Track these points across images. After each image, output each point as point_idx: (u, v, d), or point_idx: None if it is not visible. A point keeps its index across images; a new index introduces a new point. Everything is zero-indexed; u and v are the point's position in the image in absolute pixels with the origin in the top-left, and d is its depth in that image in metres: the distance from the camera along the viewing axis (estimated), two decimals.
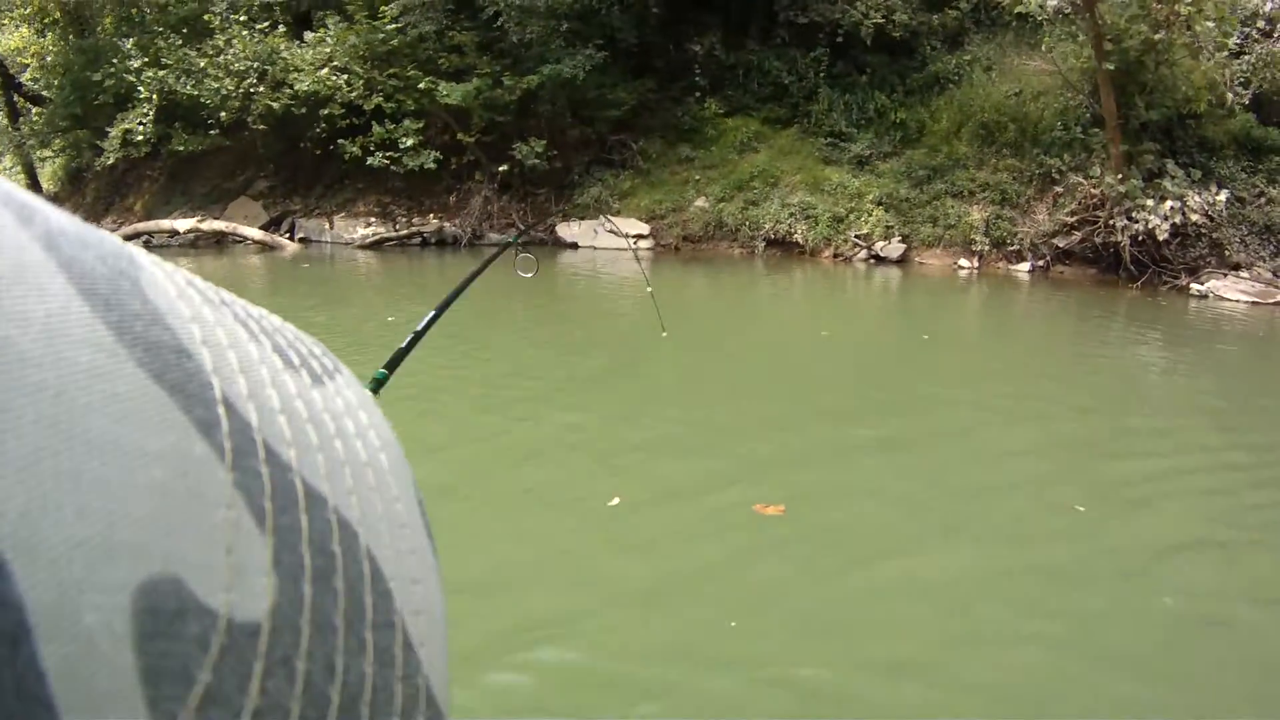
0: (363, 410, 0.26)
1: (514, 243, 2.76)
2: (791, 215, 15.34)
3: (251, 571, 0.19)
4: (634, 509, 4.89)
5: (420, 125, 16.14)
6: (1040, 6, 16.38)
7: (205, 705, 0.18)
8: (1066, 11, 16.50)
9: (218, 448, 0.20)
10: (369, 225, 17.52)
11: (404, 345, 1.47)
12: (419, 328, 1.54)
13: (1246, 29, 16.31)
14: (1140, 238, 14.67)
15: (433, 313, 1.60)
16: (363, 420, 0.26)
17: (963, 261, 15.29)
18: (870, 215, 15.45)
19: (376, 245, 17.05)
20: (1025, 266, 15.32)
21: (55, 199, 21.36)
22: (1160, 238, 14.62)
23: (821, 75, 17.08)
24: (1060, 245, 15.44)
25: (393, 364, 1.42)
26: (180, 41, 18.17)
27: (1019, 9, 15.96)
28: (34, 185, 23.81)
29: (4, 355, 0.17)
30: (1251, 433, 6.86)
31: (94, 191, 22.37)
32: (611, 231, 15.53)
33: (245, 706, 0.18)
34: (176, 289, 0.23)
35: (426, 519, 0.27)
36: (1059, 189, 15.77)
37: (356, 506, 0.23)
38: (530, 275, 2.85)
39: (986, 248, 15.35)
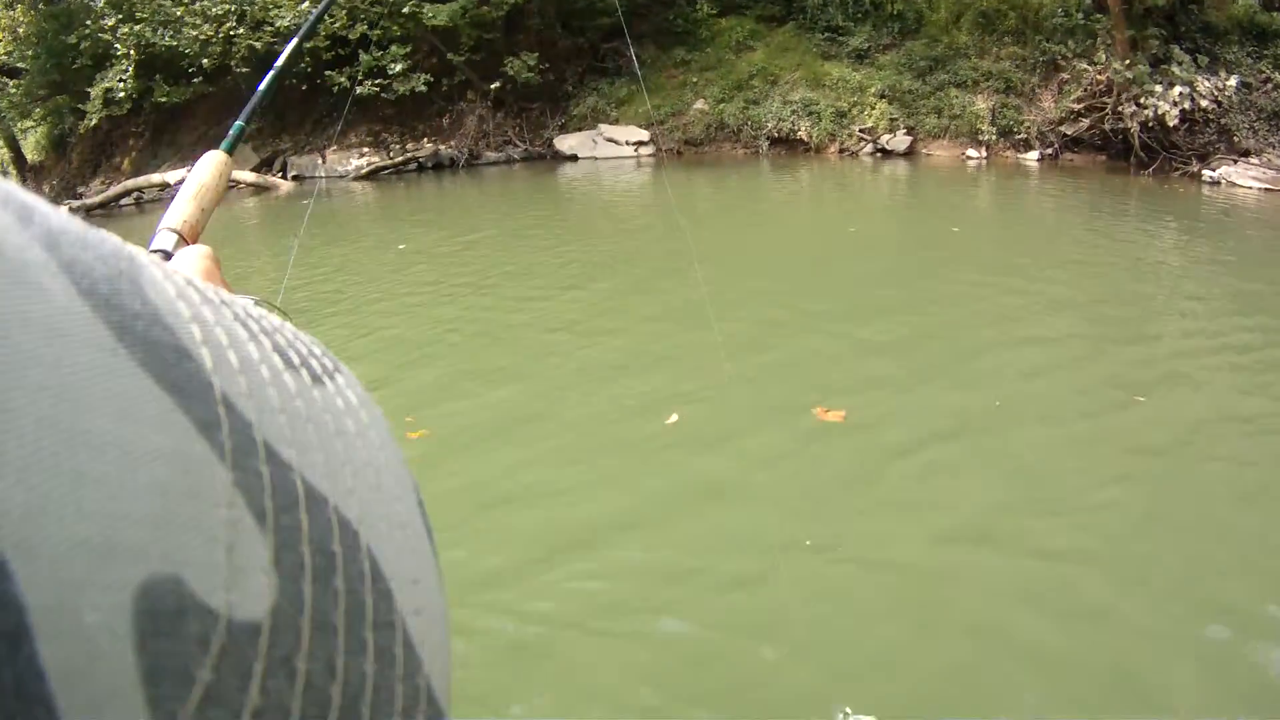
0: (363, 409, 0.26)
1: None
2: (794, 113, 15.01)
3: (252, 571, 0.19)
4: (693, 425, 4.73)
5: (407, 50, 15.73)
6: None
7: (205, 705, 0.18)
8: None
9: (218, 447, 0.20)
10: (362, 155, 17.15)
11: (260, 87, 1.26)
12: (277, 62, 1.32)
13: None
14: (1150, 124, 14.42)
15: (293, 41, 1.36)
16: (363, 419, 0.25)
17: (970, 152, 15.02)
18: (874, 108, 15.13)
19: (372, 175, 16.70)
20: (1034, 155, 15.06)
21: (40, 168, 21.16)
22: (1170, 124, 14.37)
23: None
24: (1068, 133, 15.19)
25: (249, 114, 1.24)
26: None
27: None
28: (18, 158, 23.34)
29: (5, 355, 0.17)
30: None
31: (80, 155, 21.94)
32: (610, 140, 15.20)
33: (246, 706, 0.18)
34: (176, 289, 0.22)
35: (427, 518, 0.27)
36: (1064, 76, 15.49)
37: (357, 506, 0.23)
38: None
39: (994, 137, 15.07)
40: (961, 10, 16.13)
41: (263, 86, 1.21)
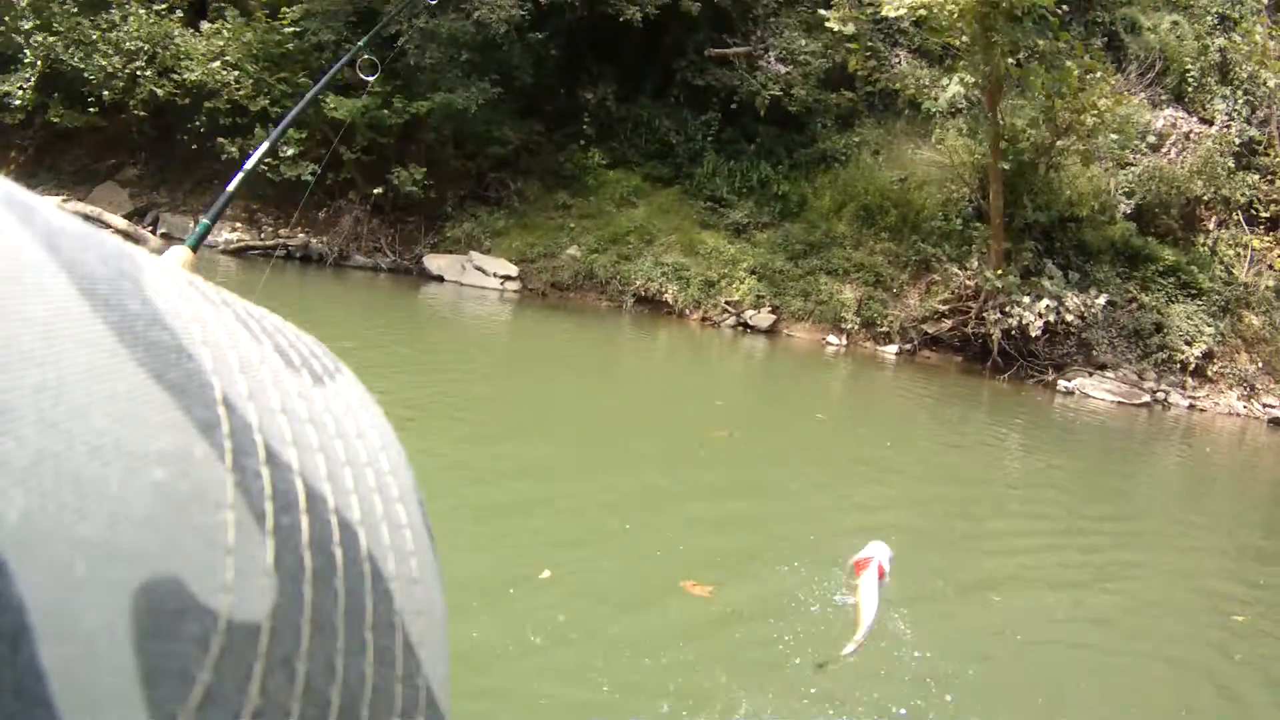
0: (364, 410, 0.26)
1: (360, 46, 2.53)
2: (664, 274, 15.22)
3: (252, 572, 0.19)
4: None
5: (303, 135, 15.67)
6: (932, 99, 16.82)
7: (205, 705, 0.18)
8: (962, 107, 16.96)
9: (218, 448, 0.20)
10: (234, 230, 16.89)
11: (229, 187, 1.35)
12: (245, 163, 1.44)
13: (1136, 142, 17.05)
14: (1013, 332, 15.01)
15: (264, 144, 1.48)
16: (363, 421, 0.25)
17: (831, 338, 15.36)
18: (743, 283, 15.42)
19: (240, 252, 16.46)
20: (893, 349, 15.44)
21: None
22: (1033, 334, 14.95)
23: (709, 139, 17.05)
24: (929, 331, 15.65)
25: (215, 214, 1.30)
26: (75, 9, 17.43)
27: (925, 104, 16.30)
28: None
29: (5, 355, 0.17)
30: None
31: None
32: (479, 269, 15.26)
33: (245, 707, 0.18)
34: (177, 289, 0.23)
35: (427, 520, 0.27)
36: (934, 276, 16.01)
37: (357, 507, 0.23)
38: (372, 78, 2.69)
39: (856, 326, 15.44)
40: (845, 201, 16.63)
41: (231, 187, 1.23)
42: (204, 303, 0.23)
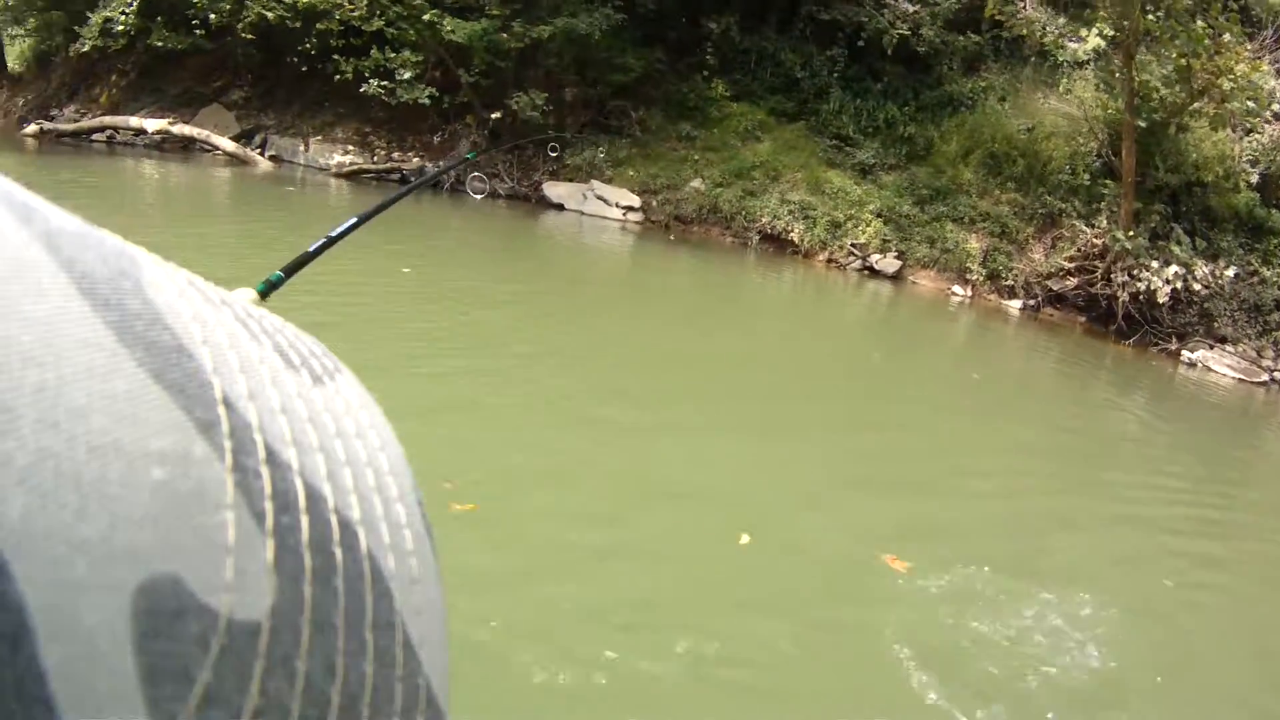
0: (363, 410, 0.26)
1: (470, 158, 2.22)
2: (790, 213, 14.72)
3: (252, 572, 0.19)
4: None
5: (420, 59, 15.24)
6: (1060, 47, 16.10)
7: (205, 705, 0.18)
8: (1090, 59, 16.23)
9: (218, 448, 0.20)
10: (346, 153, 16.54)
11: (312, 249, 1.32)
12: (333, 233, 1.38)
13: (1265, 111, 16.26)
14: (1140, 296, 14.42)
15: (354, 219, 1.47)
16: (363, 420, 0.25)
17: (956, 288, 14.87)
18: (869, 225, 14.92)
19: (353, 175, 16.11)
20: (1016, 304, 14.99)
21: (18, 79, 20.24)
22: (1160, 300, 14.39)
23: (835, 75, 16.50)
24: (1054, 288, 15.15)
25: (292, 268, 1.24)
26: None
27: (1056, 54, 15.62)
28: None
29: (5, 355, 0.17)
30: None
31: (59, 78, 21.04)
32: (600, 198, 14.79)
33: (245, 706, 0.18)
34: (177, 289, 0.22)
35: (427, 519, 0.27)
36: (1061, 232, 15.50)
37: (357, 507, 0.23)
38: (480, 197, 2.37)
39: (981, 278, 14.96)
40: (972, 147, 16.08)
41: (315, 248, 1.21)
42: (204, 303, 0.23)
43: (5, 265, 0.18)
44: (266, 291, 1.11)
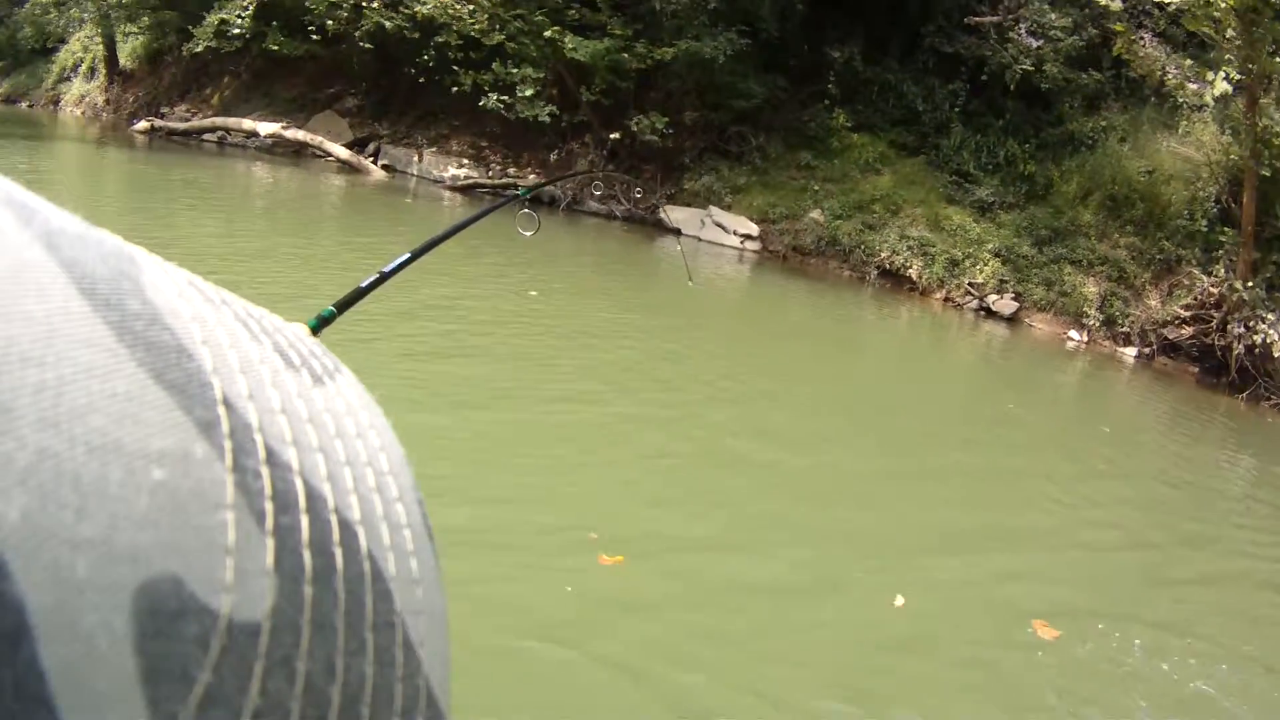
0: (363, 410, 0.26)
1: (521, 196, 2.53)
2: (909, 249, 14.57)
3: (252, 572, 0.19)
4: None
5: (541, 75, 15.23)
6: (1181, 89, 15.75)
7: (205, 705, 0.18)
8: (1213, 104, 15.87)
9: (218, 448, 0.20)
10: (461, 166, 16.62)
11: (364, 284, 1.23)
12: (386, 269, 1.28)
13: None
14: (1256, 349, 14.03)
15: (407, 255, 1.37)
16: (363, 420, 0.26)
17: (1072, 333, 14.60)
18: (987, 265, 14.72)
19: (468, 189, 16.16)
20: (1132, 351, 14.76)
21: (129, 75, 20.63)
22: (1276, 354, 13.97)
23: (956, 110, 16.32)
24: (1169, 337, 14.80)
25: (345, 304, 1.16)
26: None
27: (1178, 96, 15.30)
28: (111, 59, 22.82)
29: (5, 355, 0.17)
30: None
31: (171, 76, 21.42)
32: (719, 225, 14.68)
33: (245, 707, 0.19)
34: (177, 289, 0.23)
35: (427, 520, 0.27)
36: (1178, 278, 15.16)
37: (357, 507, 0.23)
38: (530, 234, 2.60)
39: (1097, 323, 14.66)
40: (1091, 188, 15.87)
41: (368, 284, 1.16)
42: (204, 303, 0.23)
43: (5, 265, 0.18)
44: (318, 327, 1.06)
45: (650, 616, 4.03)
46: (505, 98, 15.52)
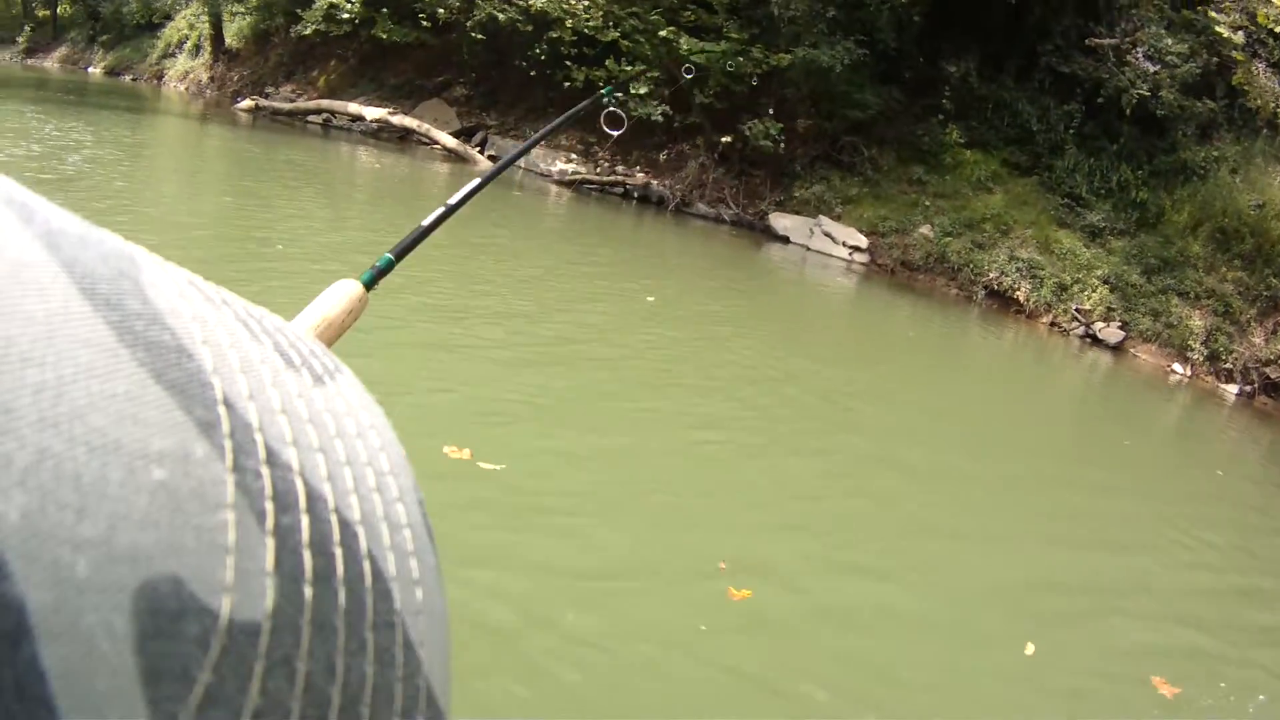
0: (364, 410, 0.26)
1: (606, 94, 2.41)
2: (1018, 270, 14.45)
3: (252, 572, 0.19)
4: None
5: (654, 74, 15.27)
6: None
7: (205, 705, 0.18)
8: None
9: (218, 448, 0.20)
10: (569, 161, 16.69)
11: (427, 223, 1.12)
12: (452, 201, 1.17)
13: None
14: None
15: (476, 181, 1.24)
16: (364, 420, 0.26)
17: (1176, 366, 14.40)
18: (1095, 291, 14.59)
19: (575, 185, 16.24)
20: (1234, 389, 14.56)
21: (235, 54, 20.95)
22: None
23: (1070, 131, 16.15)
24: (1271, 376, 14.58)
25: (404, 249, 1.06)
26: None
27: None
28: (217, 38, 23.19)
29: (5, 355, 0.17)
30: None
31: (277, 57, 21.71)
32: (827, 235, 14.66)
33: (245, 707, 0.19)
34: (177, 289, 0.23)
35: (428, 520, 0.27)
36: None
37: (357, 507, 0.23)
38: (617, 133, 2.50)
39: (1201, 358, 14.46)
40: (1202, 219, 15.69)
41: (428, 222, 1.11)
42: (204, 302, 0.23)
43: (5, 265, 0.18)
44: (372, 282, 0.98)
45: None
46: (619, 95, 15.53)
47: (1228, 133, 17.18)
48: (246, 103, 20.29)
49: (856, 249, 14.65)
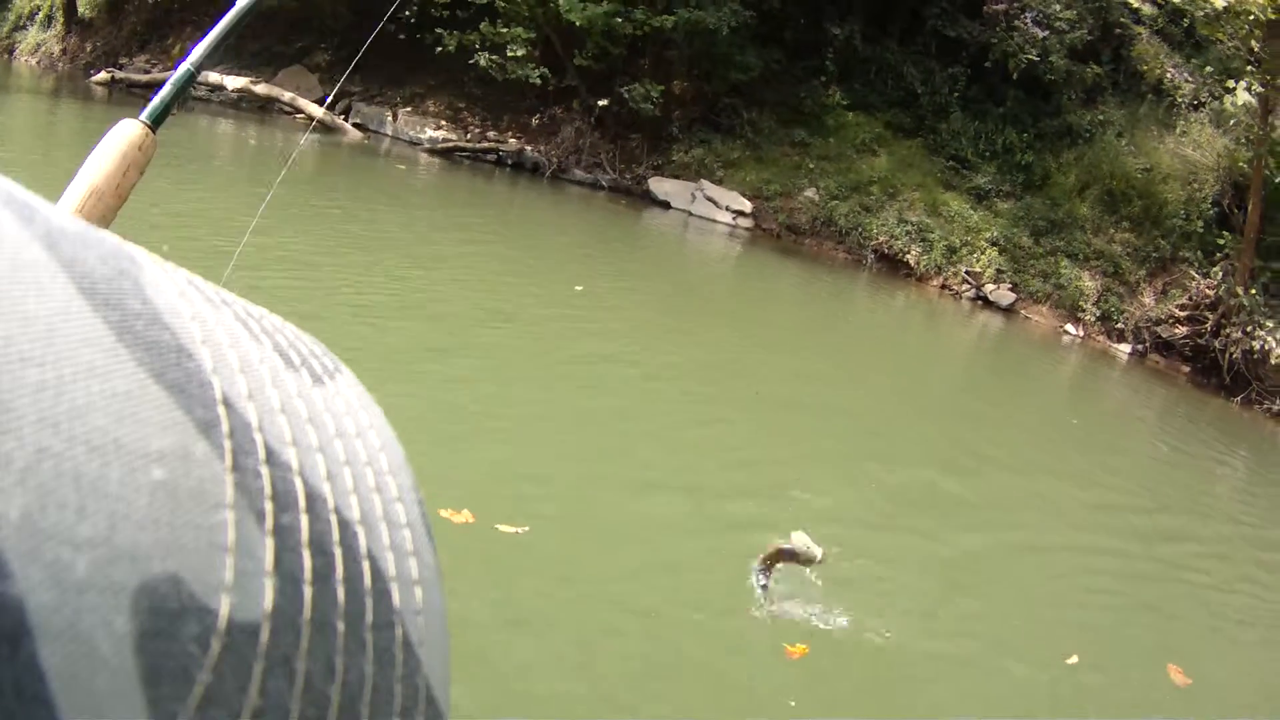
0: (363, 410, 0.26)
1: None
2: (907, 233, 14.01)
3: (252, 572, 0.19)
4: None
5: (532, 36, 14.45)
6: (1176, 88, 15.44)
7: (205, 705, 0.18)
8: (1205, 101, 15.61)
9: (218, 448, 0.20)
10: (439, 128, 15.77)
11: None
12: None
13: None
14: (1254, 355, 13.73)
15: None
16: (363, 420, 0.26)
17: (1069, 327, 14.18)
18: (984, 254, 14.24)
19: (447, 153, 15.33)
20: (1125, 348, 14.40)
21: (88, 24, 19.49)
22: (1274, 361, 13.68)
23: (955, 94, 15.81)
24: (1162, 335, 14.47)
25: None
26: None
27: (1175, 94, 15.00)
28: (69, 8, 21.62)
29: (5, 355, 0.17)
30: None
31: (131, 26, 20.32)
32: (710, 199, 14.02)
33: (245, 707, 0.18)
34: (177, 288, 0.23)
35: (427, 520, 0.26)
36: (1172, 277, 14.84)
37: (356, 507, 0.23)
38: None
39: (1093, 318, 14.27)
40: (1089, 182, 15.52)
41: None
42: (204, 302, 0.23)
43: (5, 265, 0.18)
44: (156, 120, 0.85)
45: None
46: (496, 58, 14.70)
47: (1113, 97, 17.06)
48: (101, 75, 18.92)
49: (740, 213, 14.04)
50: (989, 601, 4.50)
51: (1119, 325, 14.47)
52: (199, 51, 0.95)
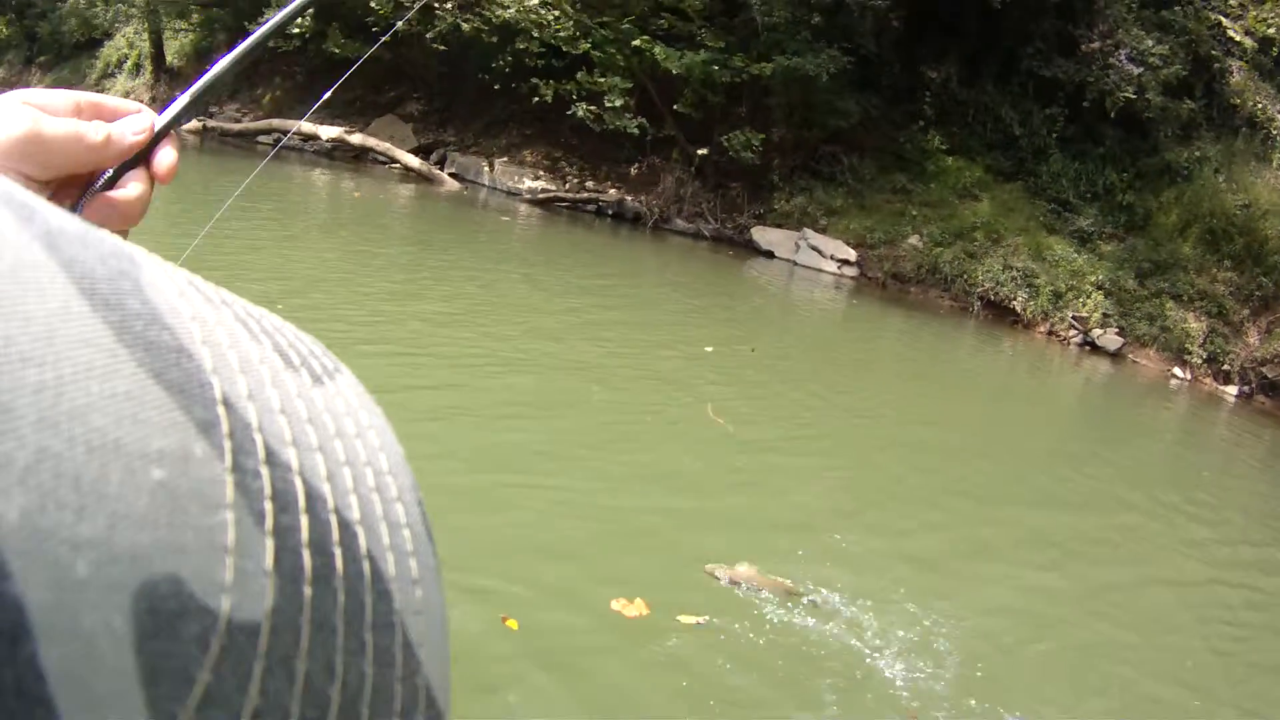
0: (363, 410, 0.26)
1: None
2: (1013, 279, 13.88)
3: (251, 572, 0.19)
4: None
5: (628, 85, 14.51)
6: (1270, 120, 15.21)
7: (205, 705, 0.18)
8: None
9: (217, 448, 0.20)
10: (537, 178, 15.88)
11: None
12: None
13: None
14: None
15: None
16: (363, 421, 0.26)
17: (1177, 370, 13.98)
18: (1090, 297, 14.07)
19: (546, 203, 15.41)
20: (1233, 390, 14.20)
21: (176, 72, 19.85)
22: None
23: (1054, 135, 15.66)
24: (1268, 375, 14.23)
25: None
26: None
27: (1271, 127, 14.81)
28: (158, 56, 22.08)
29: (5, 355, 0.17)
30: None
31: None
32: (814, 248, 14.00)
33: (245, 706, 0.19)
34: (177, 289, 0.23)
35: (427, 520, 0.27)
36: (1275, 316, 14.64)
37: (356, 507, 0.23)
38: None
39: (1200, 360, 14.06)
40: (1190, 221, 15.33)
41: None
42: (204, 303, 0.23)
43: (5, 265, 0.18)
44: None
45: None
46: (593, 108, 14.79)
47: (1207, 132, 16.87)
48: (192, 124, 19.26)
49: (845, 262, 14.03)
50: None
51: (1224, 367, 14.29)
52: (207, 78, 0.91)
